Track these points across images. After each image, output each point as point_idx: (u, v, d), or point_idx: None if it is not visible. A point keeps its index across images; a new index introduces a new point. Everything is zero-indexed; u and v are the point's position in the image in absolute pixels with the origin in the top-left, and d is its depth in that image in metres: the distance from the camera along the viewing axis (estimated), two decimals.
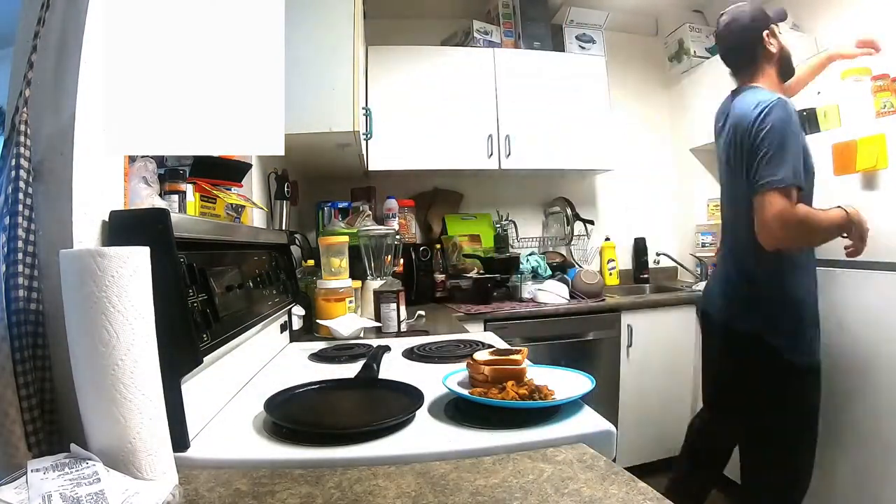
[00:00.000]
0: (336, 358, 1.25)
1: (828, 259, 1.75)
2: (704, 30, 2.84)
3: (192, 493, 0.59)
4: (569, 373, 0.94)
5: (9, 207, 0.61)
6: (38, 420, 0.60)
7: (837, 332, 1.71)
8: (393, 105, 2.41)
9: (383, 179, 2.65)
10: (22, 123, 0.62)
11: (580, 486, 0.58)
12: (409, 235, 2.54)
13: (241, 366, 1.02)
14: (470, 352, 1.17)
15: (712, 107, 1.55)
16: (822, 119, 1.91)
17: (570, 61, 2.68)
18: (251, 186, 1.56)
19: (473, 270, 2.45)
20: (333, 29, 1.73)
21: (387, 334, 1.58)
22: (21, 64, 0.64)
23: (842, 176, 1.69)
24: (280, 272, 1.33)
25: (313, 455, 0.68)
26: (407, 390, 0.88)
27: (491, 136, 2.50)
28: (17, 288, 0.60)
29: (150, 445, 0.57)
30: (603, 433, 0.73)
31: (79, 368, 0.55)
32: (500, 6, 2.69)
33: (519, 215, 2.80)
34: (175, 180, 0.99)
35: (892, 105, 1.72)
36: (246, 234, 1.15)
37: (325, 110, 1.69)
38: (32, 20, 0.65)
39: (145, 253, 0.58)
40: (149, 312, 0.58)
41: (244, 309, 0.97)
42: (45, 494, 0.47)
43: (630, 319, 2.34)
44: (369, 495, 0.58)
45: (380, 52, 2.42)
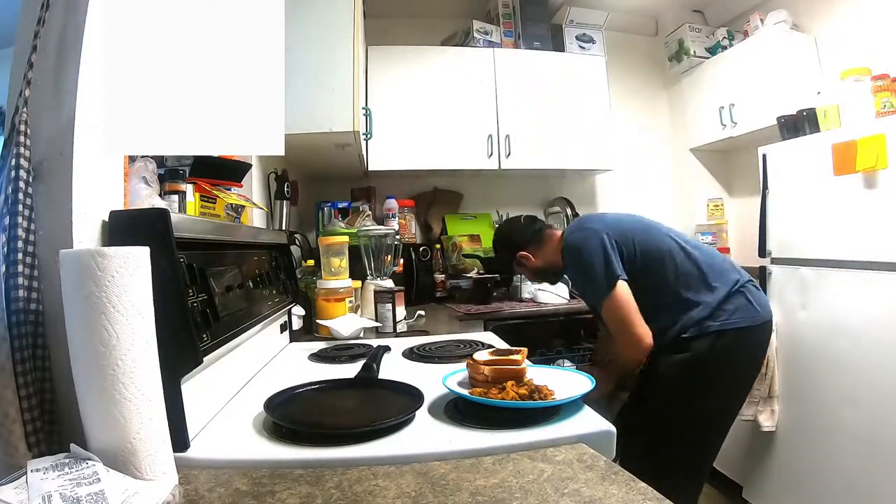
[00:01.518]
0: (336, 358, 1.25)
1: (828, 259, 1.75)
2: (704, 30, 2.84)
3: (192, 493, 0.59)
4: (569, 373, 0.94)
5: (9, 207, 0.61)
6: (38, 420, 0.60)
7: (837, 333, 1.71)
8: (393, 105, 2.41)
9: (383, 179, 2.65)
10: (22, 123, 0.62)
11: (580, 486, 0.58)
12: (408, 235, 2.54)
13: (241, 366, 1.02)
14: (470, 352, 1.17)
15: (712, 107, 1.56)
16: (822, 119, 1.91)
17: (569, 61, 2.68)
18: (251, 186, 1.56)
19: (473, 270, 2.45)
20: (333, 29, 1.73)
21: (386, 334, 1.58)
22: (21, 64, 0.64)
23: (842, 176, 1.69)
24: (280, 272, 1.33)
25: (313, 455, 0.68)
26: (407, 390, 0.88)
27: (491, 136, 2.50)
28: (17, 288, 0.60)
29: (150, 445, 0.57)
30: (603, 433, 0.73)
31: (79, 368, 0.55)
32: (500, 6, 2.69)
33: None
34: (175, 180, 0.99)
35: (892, 105, 1.72)
36: (246, 234, 1.15)
37: (325, 110, 1.69)
38: (32, 20, 0.65)
39: (145, 253, 0.58)
40: (149, 312, 0.58)
41: (244, 309, 0.97)
42: (45, 494, 0.47)
43: None
44: (369, 495, 0.58)
45: (380, 52, 2.42)
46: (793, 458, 1.86)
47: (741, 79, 2.51)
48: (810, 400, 1.80)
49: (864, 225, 1.63)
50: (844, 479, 1.67)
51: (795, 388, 1.86)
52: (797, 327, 1.85)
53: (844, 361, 1.68)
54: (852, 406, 1.65)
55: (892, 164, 1.54)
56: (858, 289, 1.65)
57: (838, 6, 2.29)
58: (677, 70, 2.94)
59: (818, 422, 1.76)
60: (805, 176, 1.84)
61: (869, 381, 1.61)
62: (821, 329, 1.77)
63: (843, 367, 1.69)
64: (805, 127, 1.97)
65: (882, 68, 1.79)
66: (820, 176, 1.76)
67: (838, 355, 1.70)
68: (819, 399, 1.76)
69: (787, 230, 1.92)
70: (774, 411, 1.91)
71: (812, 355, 1.80)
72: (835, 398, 1.71)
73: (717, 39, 2.75)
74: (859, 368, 1.64)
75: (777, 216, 1.96)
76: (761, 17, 2.47)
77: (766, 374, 1.91)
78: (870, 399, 1.60)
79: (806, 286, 1.82)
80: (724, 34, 2.72)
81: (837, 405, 1.70)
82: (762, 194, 2.01)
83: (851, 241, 1.67)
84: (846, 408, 1.67)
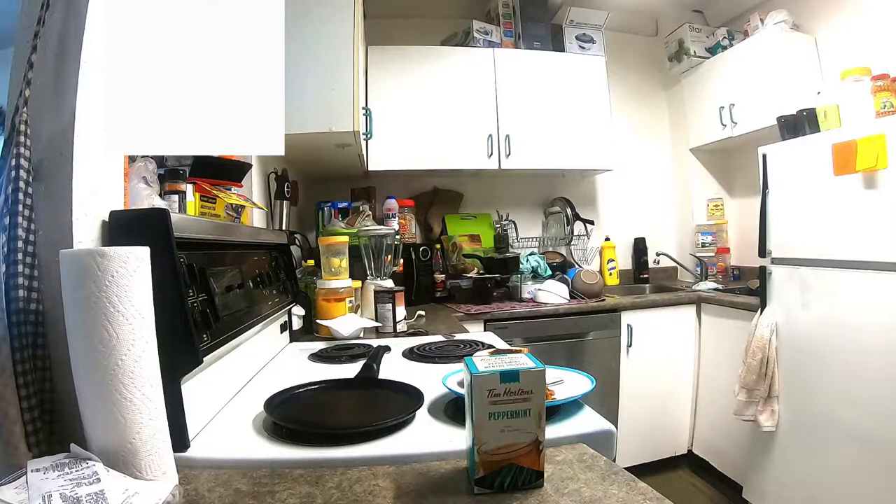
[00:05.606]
0: (336, 358, 1.25)
1: (828, 259, 1.75)
2: (704, 30, 2.84)
3: (192, 493, 0.59)
4: (569, 373, 0.94)
5: (9, 207, 0.61)
6: (38, 420, 0.60)
7: (837, 333, 1.71)
8: (393, 105, 2.41)
9: (383, 179, 2.65)
10: (22, 123, 0.62)
11: (580, 486, 0.58)
12: (409, 235, 2.54)
13: (241, 366, 1.02)
14: (470, 352, 1.17)
15: (712, 107, 1.55)
16: (821, 119, 1.92)
17: (569, 61, 2.68)
18: (251, 186, 1.56)
19: (473, 270, 2.45)
20: (333, 29, 1.73)
21: (386, 334, 1.58)
22: (21, 64, 0.64)
23: (842, 176, 1.69)
24: (280, 272, 1.33)
25: (313, 455, 0.68)
26: (407, 390, 0.88)
27: (491, 136, 2.50)
28: (17, 288, 0.60)
29: (150, 445, 0.57)
30: (603, 433, 0.73)
31: (79, 368, 0.55)
32: (500, 6, 2.69)
33: (519, 215, 2.80)
34: (175, 180, 0.98)
35: (892, 105, 1.72)
36: (246, 234, 1.15)
37: (325, 110, 1.69)
38: (32, 20, 0.65)
39: (145, 253, 0.58)
40: (149, 312, 0.58)
41: (244, 309, 0.97)
42: (45, 494, 0.47)
43: (630, 319, 2.34)
44: (369, 495, 0.58)
45: (380, 52, 2.42)
46: (793, 458, 1.86)
47: (741, 79, 2.51)
48: (810, 400, 1.80)
49: (864, 225, 1.63)
50: (844, 478, 1.67)
51: (795, 388, 1.86)
52: (797, 327, 1.85)
53: (844, 361, 1.68)
54: (852, 406, 1.65)
55: (891, 163, 1.54)
56: (858, 289, 1.65)
57: (838, 6, 2.29)
58: (677, 70, 2.94)
59: (818, 422, 1.76)
60: (805, 176, 1.84)
61: (869, 381, 1.60)
62: (821, 329, 1.77)
63: (843, 367, 1.69)
64: (805, 127, 1.97)
65: (882, 68, 1.79)
66: (820, 176, 1.76)
67: (838, 355, 1.70)
68: (819, 399, 1.76)
69: (787, 230, 1.92)
70: (774, 411, 1.91)
71: (812, 355, 1.79)
72: (835, 398, 1.71)
73: (717, 39, 2.75)
74: (859, 368, 1.64)
75: (777, 216, 1.96)
76: (761, 17, 2.47)
77: (766, 374, 1.91)
78: (869, 399, 1.60)
79: (806, 286, 1.82)
80: (724, 34, 2.72)
81: (837, 405, 1.70)
82: (762, 194, 2.01)
83: (851, 241, 1.67)
84: (846, 408, 1.67)
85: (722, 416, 2.20)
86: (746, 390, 1.95)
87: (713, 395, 2.35)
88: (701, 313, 2.44)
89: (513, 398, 0.56)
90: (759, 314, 1.98)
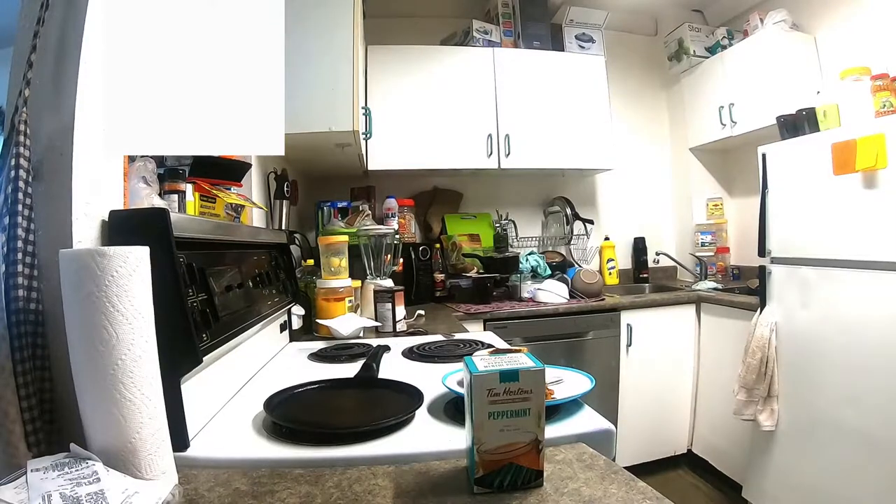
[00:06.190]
0: (336, 358, 1.25)
1: (828, 259, 1.75)
2: (704, 29, 2.84)
3: (192, 493, 0.59)
4: (568, 372, 0.94)
5: (9, 207, 0.61)
6: (38, 420, 0.60)
7: (837, 333, 1.71)
8: (393, 105, 2.41)
9: (383, 179, 2.65)
10: (22, 123, 0.62)
11: (580, 485, 0.58)
12: (408, 235, 2.54)
13: (240, 365, 1.02)
14: (470, 351, 1.17)
15: (712, 106, 1.55)
16: (821, 118, 1.92)
17: (569, 61, 2.68)
18: (251, 186, 1.56)
19: (473, 270, 2.45)
20: (333, 29, 1.73)
21: (386, 334, 1.58)
22: (21, 64, 0.64)
23: (841, 175, 1.69)
24: (280, 272, 1.33)
25: (313, 455, 0.68)
26: (406, 390, 0.88)
27: (490, 136, 2.50)
28: (17, 288, 0.60)
29: (150, 445, 0.57)
30: (603, 432, 0.73)
31: (79, 368, 0.55)
32: (500, 6, 2.69)
33: (519, 215, 2.80)
34: (175, 180, 0.98)
35: (892, 104, 1.72)
36: (246, 234, 1.15)
37: (325, 110, 1.69)
38: (32, 20, 0.65)
39: (145, 252, 0.58)
40: (148, 312, 0.58)
41: (244, 309, 0.97)
42: (45, 494, 0.47)
43: (630, 319, 2.34)
44: (369, 495, 0.58)
45: (380, 52, 2.42)
46: (792, 457, 1.86)
47: (741, 78, 2.51)
48: (810, 400, 1.80)
49: (863, 224, 1.63)
50: (844, 478, 1.67)
51: (795, 388, 1.86)
52: (797, 327, 1.85)
53: (845, 361, 1.68)
54: (853, 406, 1.65)
55: (891, 163, 1.54)
56: (858, 288, 1.65)
57: (838, 6, 2.29)
58: (677, 69, 2.94)
59: (818, 421, 1.76)
60: (805, 175, 1.84)
61: (869, 381, 1.61)
62: (821, 329, 1.77)
63: (843, 367, 1.69)
64: (805, 126, 1.97)
65: (882, 68, 1.79)
66: (819, 175, 1.76)
67: (838, 355, 1.70)
68: (819, 399, 1.76)
69: (787, 230, 1.92)
70: (774, 411, 1.91)
71: (812, 355, 1.79)
72: (835, 398, 1.71)
73: (716, 39, 2.75)
74: (860, 368, 1.64)
75: (777, 216, 1.96)
76: (761, 17, 2.47)
77: (765, 374, 1.91)
78: (870, 399, 1.60)
79: (806, 286, 1.82)
80: (724, 34, 2.72)
81: (837, 405, 1.70)
82: (762, 194, 2.01)
83: (851, 240, 1.67)
84: (846, 408, 1.67)
85: (721, 416, 2.20)
86: (746, 390, 1.95)
87: (713, 394, 2.35)
88: (700, 313, 2.44)
89: (512, 398, 0.56)
90: (758, 314, 1.98)
